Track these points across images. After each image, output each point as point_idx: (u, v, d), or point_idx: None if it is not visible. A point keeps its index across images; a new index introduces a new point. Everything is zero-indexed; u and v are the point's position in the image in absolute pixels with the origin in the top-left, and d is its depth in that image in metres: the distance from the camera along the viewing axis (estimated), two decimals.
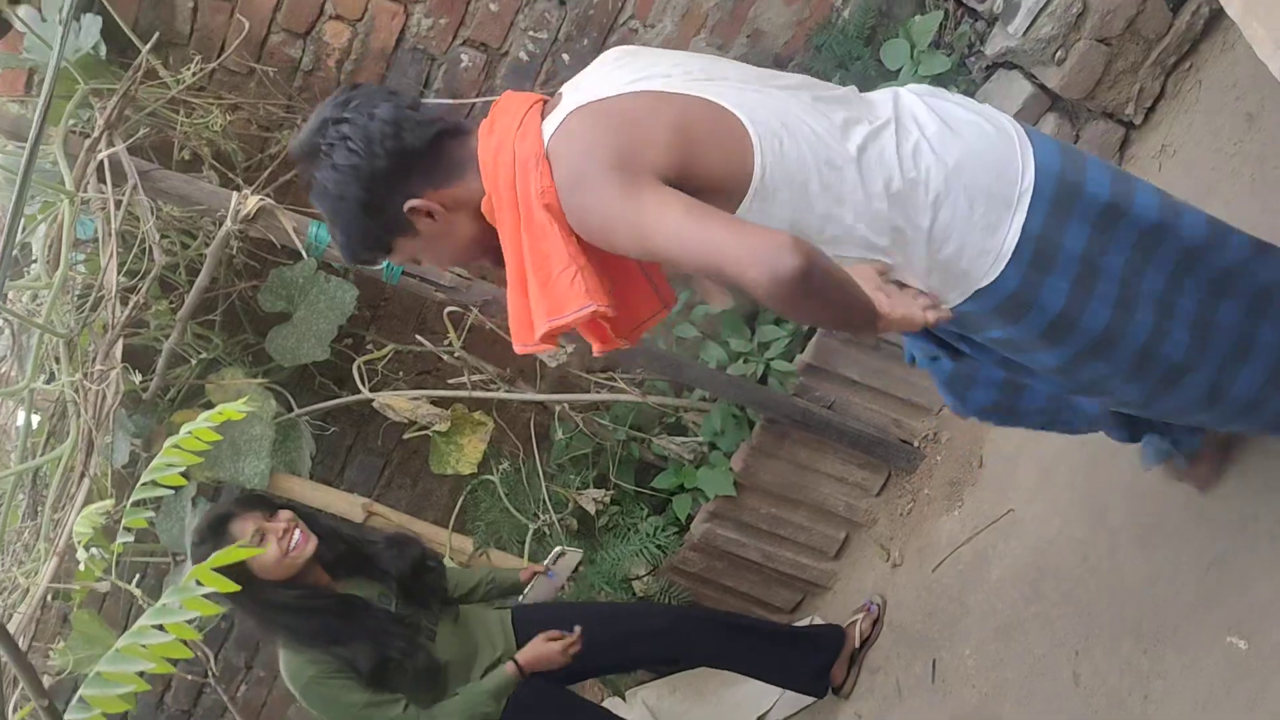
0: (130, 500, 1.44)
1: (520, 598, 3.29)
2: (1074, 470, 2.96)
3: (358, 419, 3.94)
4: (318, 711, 2.78)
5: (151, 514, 1.80)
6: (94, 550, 2.26)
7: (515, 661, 2.91)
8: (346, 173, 1.77)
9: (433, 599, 2.97)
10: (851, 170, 1.76)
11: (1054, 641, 2.80)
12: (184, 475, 3.20)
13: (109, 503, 1.53)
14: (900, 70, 3.31)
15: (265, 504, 2.80)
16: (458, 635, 2.96)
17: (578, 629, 2.98)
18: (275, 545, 2.66)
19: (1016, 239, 1.79)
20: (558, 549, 3.37)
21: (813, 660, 3.47)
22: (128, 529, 1.40)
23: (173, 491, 1.43)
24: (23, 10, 3.08)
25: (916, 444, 3.58)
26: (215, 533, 2.67)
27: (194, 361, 3.45)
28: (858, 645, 3.47)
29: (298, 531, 2.71)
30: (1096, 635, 2.68)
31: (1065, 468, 2.99)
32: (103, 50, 3.16)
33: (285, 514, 2.75)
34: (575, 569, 3.46)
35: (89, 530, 1.44)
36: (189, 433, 1.44)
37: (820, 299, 1.62)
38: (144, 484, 1.42)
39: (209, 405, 3.35)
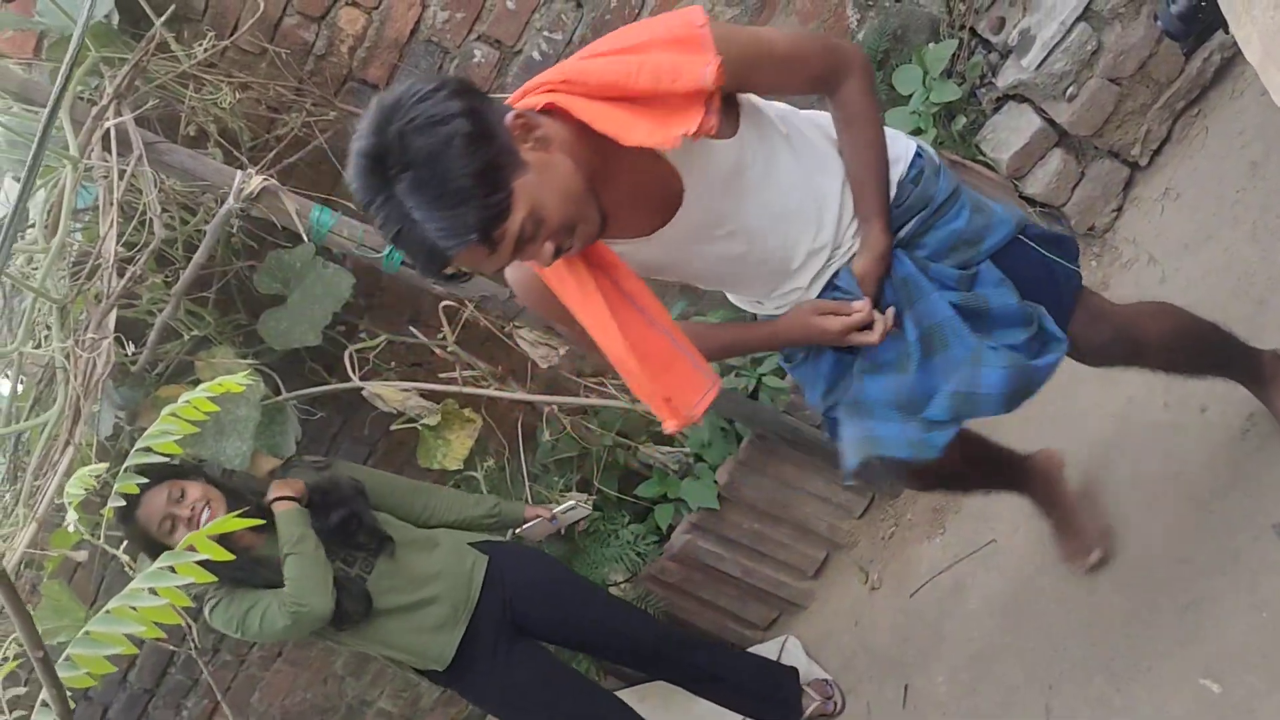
0: (124, 467, 1.43)
1: (518, 530, 3.49)
2: None
3: (346, 407, 3.92)
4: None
5: (144, 480, 1.79)
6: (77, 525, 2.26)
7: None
8: (443, 116, 1.59)
9: (361, 547, 3.13)
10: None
11: (1027, 674, 2.80)
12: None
13: (102, 466, 1.52)
14: (911, 95, 3.32)
15: (175, 474, 2.98)
16: (399, 570, 3.13)
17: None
18: (184, 531, 2.85)
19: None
20: (570, 502, 3.56)
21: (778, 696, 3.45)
22: (121, 494, 1.39)
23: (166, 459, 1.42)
24: None
25: None
26: (125, 519, 2.86)
27: (185, 338, 3.43)
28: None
29: (206, 512, 2.90)
30: (1070, 670, 2.69)
31: None
32: (115, 19, 3.15)
33: (194, 491, 2.94)
34: (577, 523, 3.66)
35: (81, 491, 1.43)
36: (188, 401, 1.43)
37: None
38: (139, 450, 1.41)
39: (197, 383, 3.33)
